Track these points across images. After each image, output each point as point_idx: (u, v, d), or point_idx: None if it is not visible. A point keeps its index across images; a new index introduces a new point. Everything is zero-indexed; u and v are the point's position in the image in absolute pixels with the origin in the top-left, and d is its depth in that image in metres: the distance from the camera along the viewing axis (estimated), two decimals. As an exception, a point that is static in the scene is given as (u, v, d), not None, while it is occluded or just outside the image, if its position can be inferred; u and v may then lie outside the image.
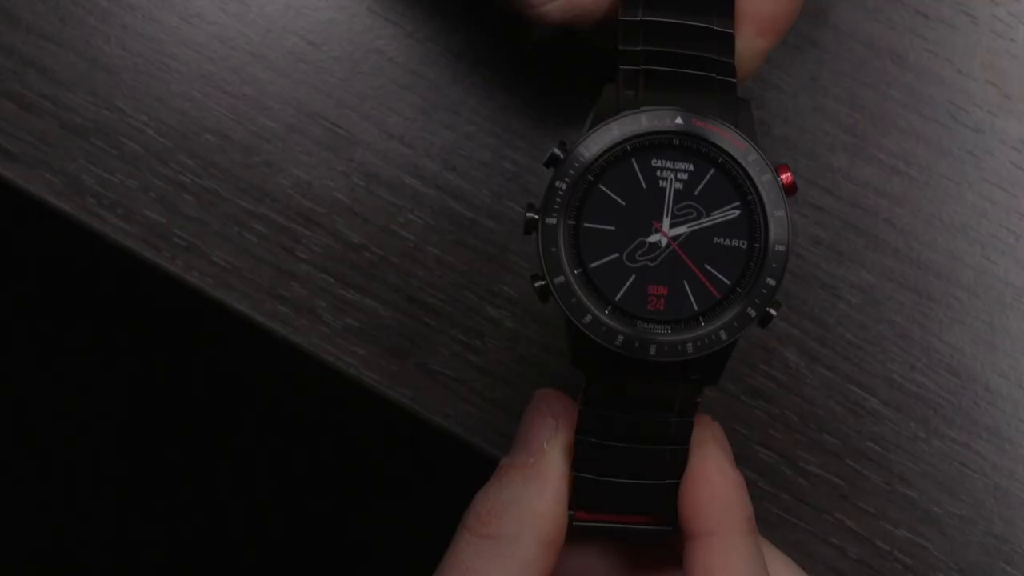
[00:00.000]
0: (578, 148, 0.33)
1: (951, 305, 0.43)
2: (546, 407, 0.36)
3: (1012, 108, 0.43)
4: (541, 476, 0.35)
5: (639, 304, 0.33)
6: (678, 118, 0.33)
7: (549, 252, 0.33)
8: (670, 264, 0.34)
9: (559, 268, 0.33)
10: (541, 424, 0.35)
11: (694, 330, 0.33)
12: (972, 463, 0.43)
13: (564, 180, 0.33)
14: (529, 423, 0.36)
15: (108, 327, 0.92)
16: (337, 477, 0.92)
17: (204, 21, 0.43)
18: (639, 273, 0.33)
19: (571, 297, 0.33)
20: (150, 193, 0.43)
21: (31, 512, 0.93)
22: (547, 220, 0.33)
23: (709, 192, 0.34)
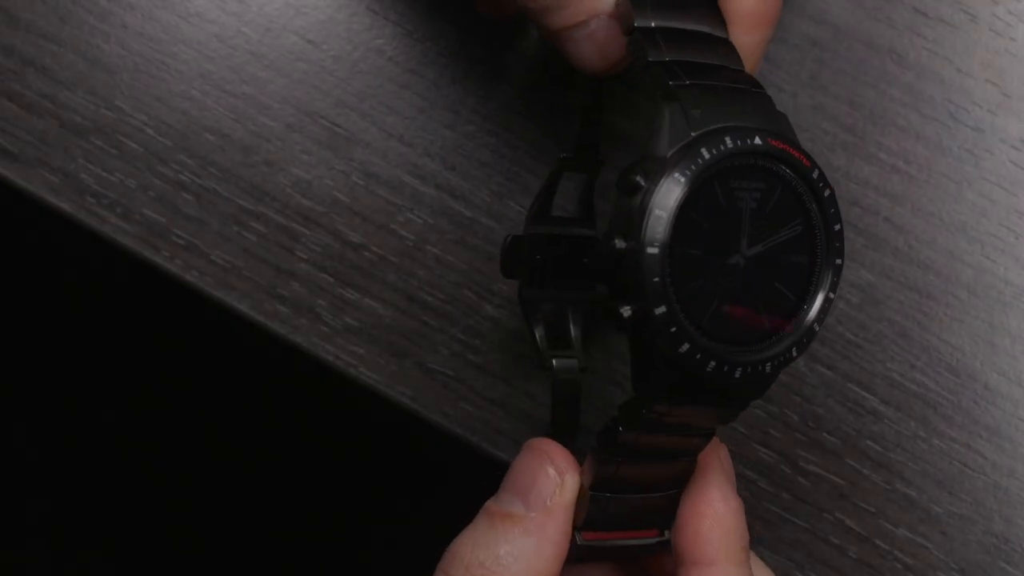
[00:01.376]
0: (672, 174, 0.31)
1: (951, 304, 0.43)
2: (547, 458, 0.35)
3: (1012, 107, 0.43)
4: (544, 533, 0.34)
5: (723, 327, 0.32)
6: (756, 138, 0.32)
7: (651, 282, 0.31)
8: (747, 284, 0.33)
9: (662, 298, 0.31)
10: (543, 477, 0.34)
11: (771, 348, 0.33)
12: (972, 462, 0.43)
13: (663, 208, 0.31)
14: (527, 472, 0.35)
15: (107, 327, 0.92)
16: (336, 477, 0.92)
17: (203, 20, 0.43)
18: (721, 295, 0.32)
19: (671, 327, 0.31)
20: (149, 192, 0.43)
21: (29, 507, 0.93)
22: (649, 250, 0.31)
23: (777, 209, 0.33)
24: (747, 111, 0.33)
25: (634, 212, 0.31)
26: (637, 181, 0.31)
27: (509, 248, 0.37)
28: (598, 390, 0.44)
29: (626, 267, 0.31)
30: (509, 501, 0.35)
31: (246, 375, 0.90)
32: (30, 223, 0.68)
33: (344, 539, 0.92)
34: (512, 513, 0.34)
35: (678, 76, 0.32)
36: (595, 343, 0.44)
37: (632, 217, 0.31)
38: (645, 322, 0.31)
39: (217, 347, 0.88)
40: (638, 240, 0.31)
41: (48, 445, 0.94)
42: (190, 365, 0.92)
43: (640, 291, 0.31)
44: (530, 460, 0.35)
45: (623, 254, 0.31)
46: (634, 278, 0.31)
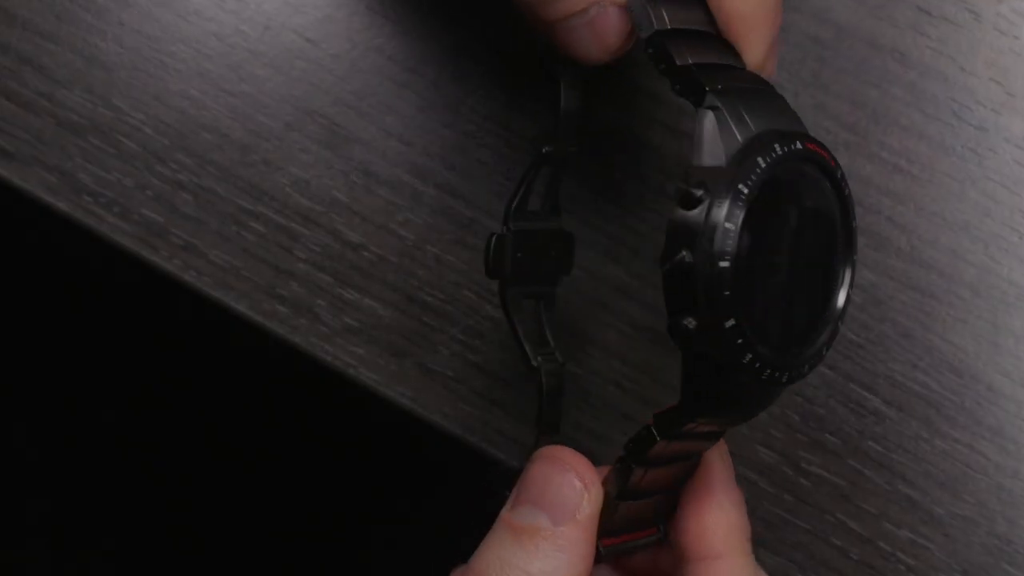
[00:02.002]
0: (736, 185, 0.31)
1: (954, 304, 0.43)
2: (569, 468, 0.34)
3: (1016, 106, 0.43)
4: (576, 548, 0.33)
5: (773, 333, 0.32)
6: (798, 142, 0.32)
7: (723, 296, 0.31)
8: (791, 288, 0.33)
9: (732, 310, 0.31)
10: (568, 488, 0.33)
11: (808, 349, 0.33)
12: (975, 463, 0.43)
13: (732, 221, 0.31)
14: (549, 483, 0.34)
15: (106, 326, 0.92)
16: (336, 477, 0.92)
17: (202, 18, 0.43)
18: (771, 302, 0.33)
19: (738, 338, 0.31)
20: (147, 192, 0.43)
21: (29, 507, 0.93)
22: (721, 264, 0.31)
23: (813, 212, 0.34)
24: (776, 112, 0.33)
25: (699, 225, 0.31)
26: (698, 194, 0.31)
27: (496, 247, 0.36)
28: (598, 390, 0.43)
29: (695, 280, 0.31)
30: (532, 514, 0.34)
31: (246, 375, 0.90)
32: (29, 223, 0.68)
33: (344, 539, 0.92)
34: (540, 528, 0.33)
35: (712, 81, 0.32)
36: (595, 344, 0.43)
37: (698, 230, 0.31)
38: (710, 335, 0.31)
39: (217, 347, 0.88)
40: (708, 253, 0.31)
41: (48, 445, 0.94)
42: (190, 365, 0.92)
43: (712, 305, 0.31)
44: (550, 470, 0.34)
45: (691, 268, 0.31)
46: (705, 292, 0.31)
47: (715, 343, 0.31)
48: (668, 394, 0.43)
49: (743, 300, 0.31)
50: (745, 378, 0.32)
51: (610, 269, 0.43)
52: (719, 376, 0.32)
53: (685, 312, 0.31)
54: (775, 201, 0.32)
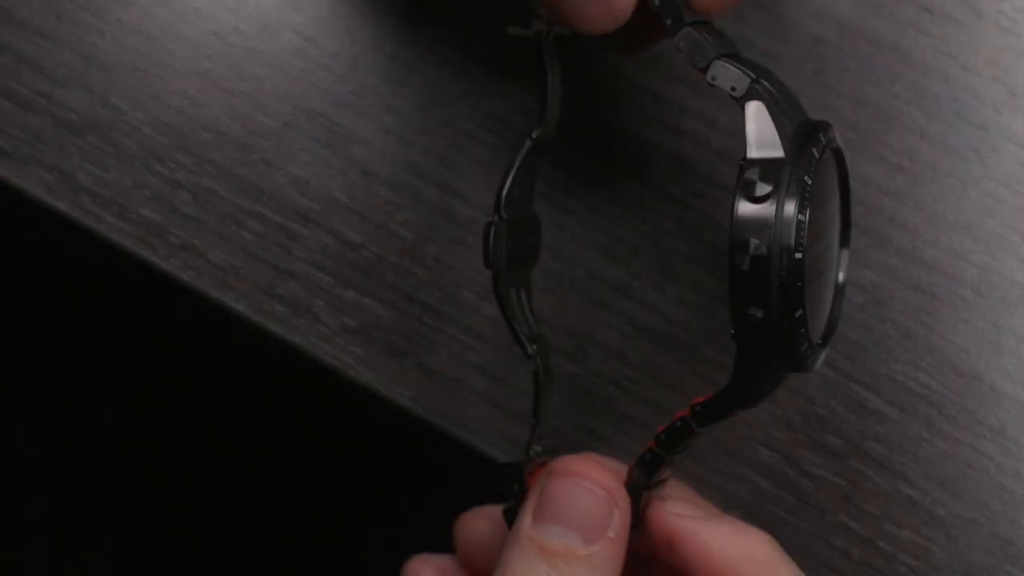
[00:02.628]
0: (800, 176, 0.31)
1: (956, 304, 0.43)
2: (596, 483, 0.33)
3: (1018, 105, 0.43)
4: (611, 566, 0.32)
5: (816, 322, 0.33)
6: (828, 130, 0.33)
7: (796, 287, 0.31)
8: (825, 276, 0.34)
9: (801, 301, 0.31)
10: (597, 505, 0.33)
11: (828, 335, 0.35)
12: (977, 464, 0.43)
13: (803, 213, 0.31)
14: (576, 501, 0.33)
15: (106, 326, 0.92)
16: (336, 477, 0.91)
17: (200, 17, 0.43)
18: (815, 291, 0.33)
19: (802, 328, 0.32)
20: (146, 191, 0.43)
21: (29, 507, 0.93)
22: (796, 255, 0.31)
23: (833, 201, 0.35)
24: (792, 96, 0.33)
25: (771, 217, 0.31)
26: (765, 188, 0.31)
27: (495, 236, 0.36)
28: (599, 390, 0.43)
29: (770, 272, 0.31)
30: (562, 534, 0.33)
31: (245, 375, 0.90)
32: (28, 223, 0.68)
33: (344, 539, 0.92)
34: (573, 549, 0.32)
35: (747, 71, 0.32)
36: (595, 344, 0.43)
37: (771, 223, 0.31)
38: (779, 325, 0.31)
39: (216, 347, 0.88)
40: (784, 246, 0.31)
41: (48, 445, 0.94)
42: (189, 365, 0.92)
43: (786, 296, 0.31)
44: (574, 486, 0.33)
45: (767, 259, 0.31)
46: (780, 283, 0.31)
47: (782, 333, 0.31)
48: (668, 394, 0.43)
49: (807, 290, 0.32)
50: (800, 367, 0.32)
51: (610, 269, 0.43)
52: (773, 365, 0.32)
53: (753, 303, 0.31)
54: (823, 191, 0.33)
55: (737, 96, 0.32)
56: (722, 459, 0.43)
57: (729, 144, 0.43)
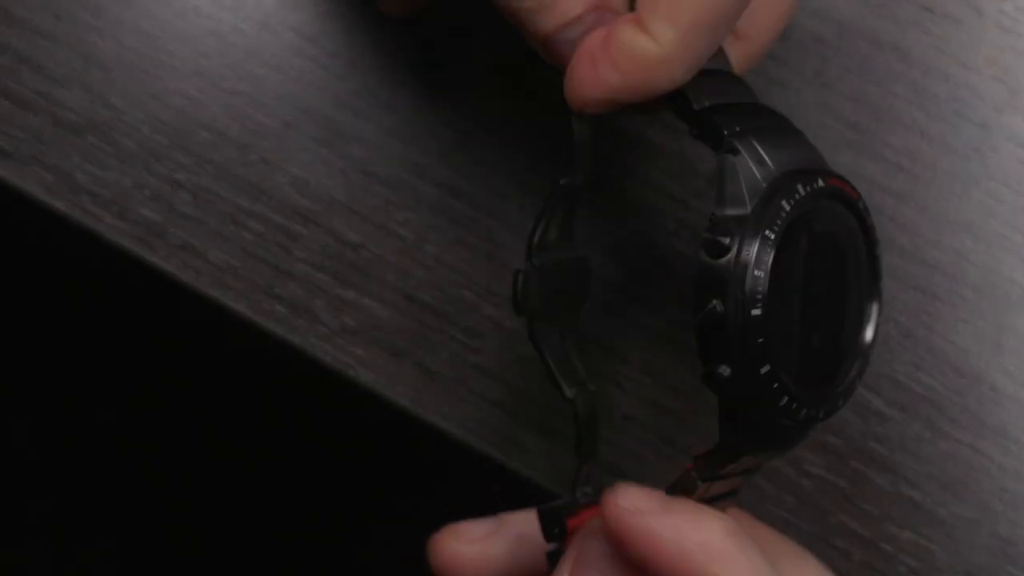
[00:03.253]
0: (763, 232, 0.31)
1: (957, 304, 0.43)
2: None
3: (1018, 104, 0.43)
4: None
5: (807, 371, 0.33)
6: (819, 180, 0.32)
7: (756, 343, 0.31)
8: (822, 325, 0.33)
9: (767, 357, 0.31)
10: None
11: (841, 382, 0.34)
12: (978, 464, 0.43)
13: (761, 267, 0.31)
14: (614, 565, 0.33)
15: (106, 326, 0.92)
16: (336, 477, 0.91)
17: (199, 16, 0.43)
18: (804, 341, 0.33)
19: (773, 383, 0.31)
20: (145, 191, 0.43)
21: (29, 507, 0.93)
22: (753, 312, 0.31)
23: (837, 247, 0.34)
24: (792, 147, 0.33)
25: (728, 274, 0.31)
26: (725, 243, 0.31)
27: (524, 284, 0.36)
28: (599, 390, 0.43)
29: (728, 329, 0.31)
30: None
31: (245, 375, 0.90)
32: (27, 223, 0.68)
33: (344, 539, 0.92)
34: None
35: (729, 124, 0.32)
36: (595, 344, 0.43)
37: (727, 279, 0.31)
38: (746, 381, 0.31)
39: (216, 347, 0.88)
40: (739, 301, 0.31)
41: (48, 445, 0.94)
42: (189, 365, 0.92)
43: (745, 353, 0.31)
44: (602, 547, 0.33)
45: (723, 317, 0.31)
46: (738, 340, 0.31)
47: (751, 389, 0.31)
48: (669, 395, 0.43)
49: (776, 345, 0.31)
50: (782, 419, 0.32)
51: (610, 269, 0.43)
52: (756, 419, 0.32)
53: (719, 360, 0.31)
54: (801, 241, 0.32)
55: (714, 150, 0.32)
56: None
57: (729, 144, 0.43)
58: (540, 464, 0.43)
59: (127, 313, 0.91)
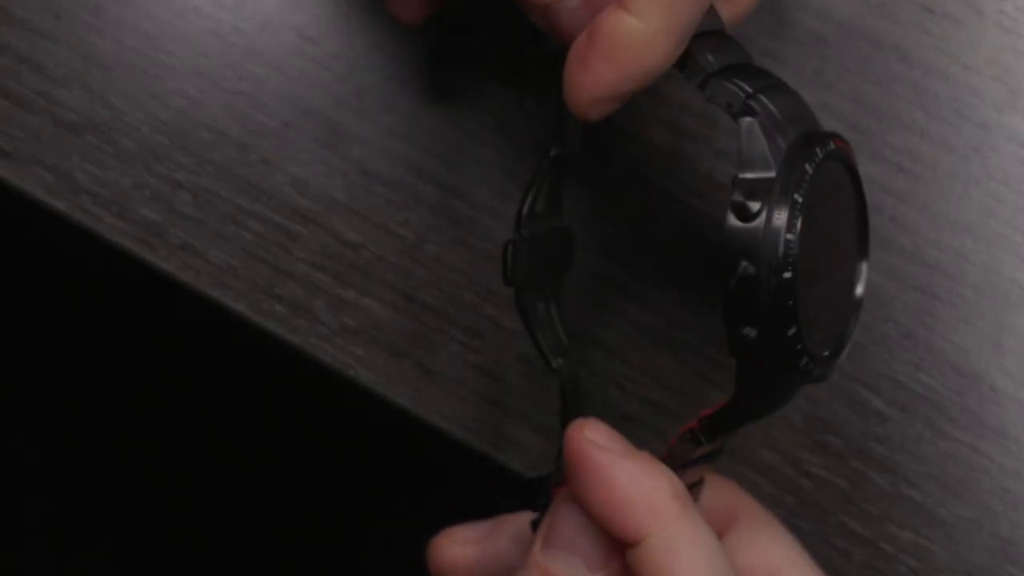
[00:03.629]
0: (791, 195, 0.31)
1: (957, 304, 0.43)
2: None
3: (1018, 104, 0.43)
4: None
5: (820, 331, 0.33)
6: (830, 142, 0.33)
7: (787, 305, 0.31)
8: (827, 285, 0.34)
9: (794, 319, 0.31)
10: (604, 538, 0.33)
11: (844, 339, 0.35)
12: (978, 464, 0.43)
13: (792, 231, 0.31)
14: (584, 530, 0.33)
15: (106, 326, 0.92)
16: (336, 477, 0.91)
17: (199, 16, 0.43)
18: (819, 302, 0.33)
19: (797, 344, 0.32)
20: (145, 191, 0.43)
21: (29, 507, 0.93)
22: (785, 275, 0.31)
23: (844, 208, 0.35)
24: (798, 108, 0.33)
25: (757, 237, 0.31)
26: (755, 207, 0.31)
27: (514, 255, 0.36)
28: (599, 390, 0.43)
29: (760, 292, 0.31)
30: (567, 561, 0.33)
31: (245, 375, 0.90)
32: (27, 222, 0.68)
33: (344, 539, 0.92)
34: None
35: (742, 87, 0.32)
36: (595, 344, 0.43)
37: (758, 242, 0.31)
38: (773, 343, 0.31)
39: (216, 347, 0.88)
40: (771, 266, 0.31)
41: (48, 445, 0.94)
42: (189, 365, 0.92)
43: (775, 316, 0.31)
44: (583, 516, 0.33)
45: (755, 279, 0.31)
46: (770, 303, 0.31)
47: (777, 351, 0.31)
48: (669, 395, 0.43)
49: (802, 307, 0.31)
50: (799, 380, 0.32)
51: (610, 269, 0.43)
52: (774, 380, 0.32)
53: (747, 323, 0.31)
54: (816, 204, 0.32)
55: (732, 113, 0.32)
56: (723, 459, 0.43)
57: (729, 144, 0.43)
58: (540, 464, 0.43)
59: (127, 313, 0.91)
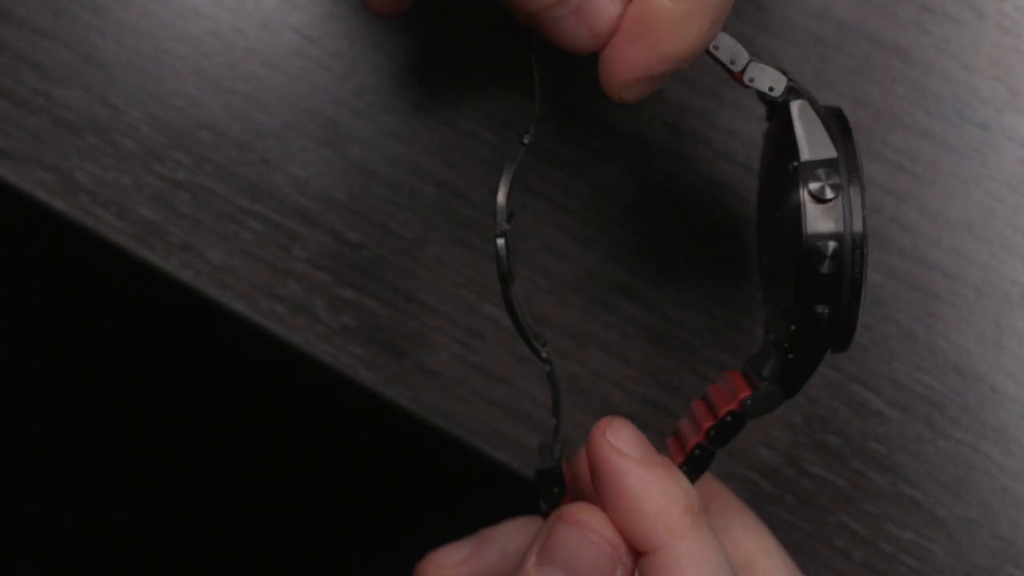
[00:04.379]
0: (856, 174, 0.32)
1: (957, 304, 0.43)
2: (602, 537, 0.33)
3: (1019, 105, 0.43)
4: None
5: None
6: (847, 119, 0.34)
7: (861, 282, 0.32)
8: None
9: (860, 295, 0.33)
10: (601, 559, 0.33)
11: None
12: (978, 464, 0.43)
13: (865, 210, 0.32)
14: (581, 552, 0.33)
15: (105, 326, 0.92)
16: (337, 477, 0.91)
17: (199, 16, 0.43)
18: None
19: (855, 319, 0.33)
20: (145, 191, 0.43)
21: (29, 507, 0.93)
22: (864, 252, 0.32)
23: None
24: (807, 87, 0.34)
25: (840, 218, 0.32)
26: (828, 188, 0.32)
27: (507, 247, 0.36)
28: (599, 390, 0.43)
29: (841, 270, 0.32)
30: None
31: (245, 375, 0.90)
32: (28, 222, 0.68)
33: (344, 539, 0.92)
34: None
35: (782, 69, 0.33)
36: (595, 344, 0.43)
37: (839, 221, 0.32)
38: (844, 320, 0.32)
39: (216, 347, 0.88)
40: (853, 244, 0.32)
41: (48, 445, 0.94)
42: (188, 365, 0.92)
43: (853, 293, 0.32)
44: (580, 537, 0.33)
45: (839, 258, 0.32)
46: (850, 281, 0.32)
47: (843, 327, 0.32)
48: (669, 394, 0.43)
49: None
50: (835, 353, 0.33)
51: (610, 269, 0.43)
52: (821, 358, 0.33)
53: (821, 301, 0.32)
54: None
55: (776, 96, 0.32)
56: (723, 459, 0.43)
57: (729, 144, 0.43)
58: (539, 464, 0.43)
59: (127, 313, 0.91)
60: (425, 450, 0.87)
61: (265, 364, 0.86)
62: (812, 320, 0.32)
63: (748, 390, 0.34)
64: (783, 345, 0.33)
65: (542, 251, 0.43)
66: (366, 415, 0.66)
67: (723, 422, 0.34)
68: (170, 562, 0.92)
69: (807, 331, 0.32)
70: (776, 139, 0.35)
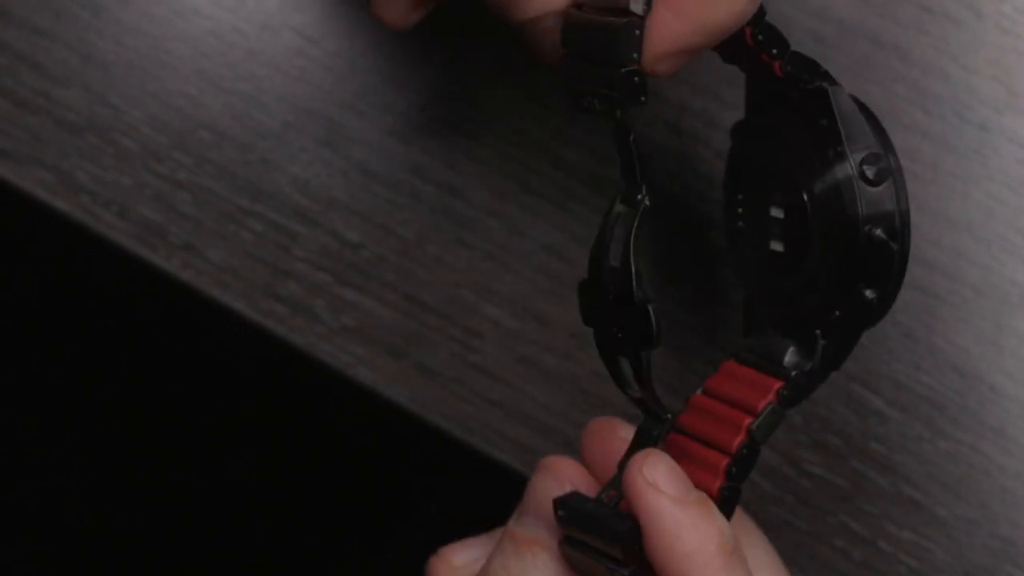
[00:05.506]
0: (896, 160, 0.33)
1: (957, 304, 0.43)
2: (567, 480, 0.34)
3: (1018, 105, 0.43)
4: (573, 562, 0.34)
5: None
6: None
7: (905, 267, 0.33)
8: None
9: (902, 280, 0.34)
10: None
11: None
12: (978, 464, 0.43)
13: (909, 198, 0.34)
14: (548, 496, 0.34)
15: (105, 326, 0.92)
16: (337, 477, 0.91)
17: (200, 16, 0.43)
18: None
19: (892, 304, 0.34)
20: (145, 191, 0.43)
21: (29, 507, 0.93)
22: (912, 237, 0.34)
23: None
24: None
25: (891, 201, 0.33)
26: (876, 172, 0.33)
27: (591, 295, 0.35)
28: (599, 390, 0.43)
29: (891, 253, 0.33)
30: (533, 526, 0.34)
31: (245, 375, 0.90)
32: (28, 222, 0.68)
33: (344, 539, 0.92)
34: (539, 539, 0.34)
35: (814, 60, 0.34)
36: (593, 342, 0.43)
37: (889, 208, 0.33)
38: (885, 303, 0.33)
39: (216, 347, 0.88)
40: (901, 230, 0.33)
41: (48, 445, 0.94)
42: (187, 364, 0.92)
43: (900, 277, 0.33)
44: (547, 482, 0.35)
45: (887, 244, 0.33)
46: (899, 266, 0.33)
47: (884, 310, 0.33)
48: (668, 394, 0.43)
49: None
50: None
51: (611, 269, 0.43)
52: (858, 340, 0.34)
53: (869, 285, 0.33)
54: None
55: (811, 85, 0.33)
56: (722, 459, 0.43)
57: (729, 144, 0.43)
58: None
59: (127, 313, 0.91)
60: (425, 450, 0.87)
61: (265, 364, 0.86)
62: (856, 304, 0.33)
63: (768, 380, 0.34)
64: (812, 332, 0.34)
65: (542, 251, 0.43)
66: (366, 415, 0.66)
67: (762, 415, 0.34)
68: (170, 562, 0.92)
69: (847, 316, 0.33)
70: (794, 128, 0.35)
